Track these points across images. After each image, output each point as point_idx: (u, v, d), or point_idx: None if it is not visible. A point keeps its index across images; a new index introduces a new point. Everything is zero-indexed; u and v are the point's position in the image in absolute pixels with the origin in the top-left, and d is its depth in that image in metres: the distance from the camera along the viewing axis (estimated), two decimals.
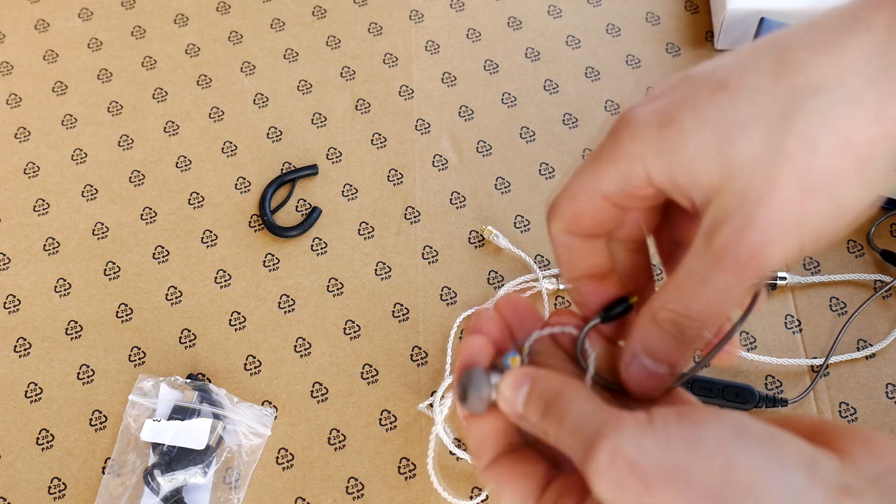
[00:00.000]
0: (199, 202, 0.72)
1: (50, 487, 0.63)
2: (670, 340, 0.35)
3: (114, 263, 0.70)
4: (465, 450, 0.63)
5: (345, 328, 0.68)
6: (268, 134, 0.75)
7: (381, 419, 0.65)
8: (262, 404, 0.65)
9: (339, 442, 0.64)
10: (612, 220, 0.38)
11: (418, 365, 0.66)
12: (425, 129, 0.75)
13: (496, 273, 0.69)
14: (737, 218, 0.32)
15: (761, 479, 0.29)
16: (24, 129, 0.75)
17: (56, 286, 0.69)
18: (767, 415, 0.64)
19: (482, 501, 0.62)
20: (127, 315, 0.68)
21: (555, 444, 0.34)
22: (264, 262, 0.70)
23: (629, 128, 0.35)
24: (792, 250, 0.32)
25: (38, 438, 0.64)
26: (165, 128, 0.75)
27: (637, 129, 0.35)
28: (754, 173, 0.32)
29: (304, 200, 0.72)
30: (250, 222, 0.71)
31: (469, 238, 0.70)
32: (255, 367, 0.66)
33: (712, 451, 0.29)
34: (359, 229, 0.71)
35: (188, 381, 0.65)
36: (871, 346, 0.66)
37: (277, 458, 0.64)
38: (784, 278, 0.67)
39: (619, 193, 0.36)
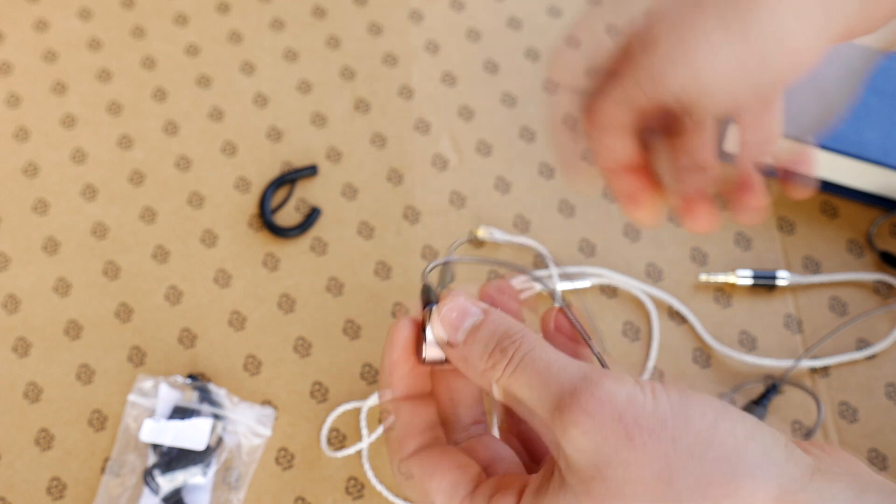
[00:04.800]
0: (198, 202, 0.72)
1: (49, 488, 0.63)
2: None
3: (113, 263, 0.70)
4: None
5: (345, 328, 0.68)
6: (268, 134, 0.75)
7: (381, 419, 0.65)
8: (262, 404, 0.65)
9: (340, 442, 0.64)
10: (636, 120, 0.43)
11: None
12: (425, 129, 0.75)
13: (496, 273, 0.69)
14: None
15: (743, 446, 0.29)
16: (24, 129, 0.75)
17: (56, 286, 0.69)
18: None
19: None
20: (126, 315, 0.68)
21: (502, 386, 0.32)
22: (264, 262, 0.70)
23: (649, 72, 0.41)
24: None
25: (37, 439, 0.64)
26: (165, 128, 0.75)
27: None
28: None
29: (304, 200, 0.72)
30: (250, 222, 0.71)
31: (469, 238, 0.70)
32: (255, 367, 0.66)
33: (699, 413, 0.29)
34: (359, 229, 0.71)
35: (188, 381, 0.65)
36: (871, 346, 0.66)
37: (277, 458, 0.64)
38: (784, 278, 0.68)
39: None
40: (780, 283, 0.67)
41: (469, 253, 0.69)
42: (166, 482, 0.61)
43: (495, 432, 0.39)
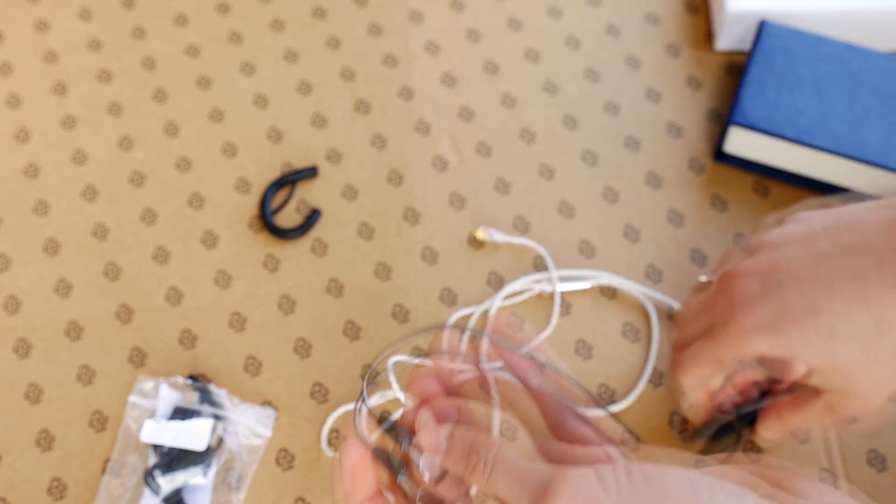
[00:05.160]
0: (199, 203, 0.72)
1: (50, 488, 0.63)
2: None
3: (114, 264, 0.70)
4: None
5: (345, 329, 0.68)
6: (268, 135, 0.75)
7: (381, 419, 0.65)
8: (263, 405, 0.65)
9: (340, 442, 0.64)
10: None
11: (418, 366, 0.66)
12: (425, 130, 0.75)
13: (496, 274, 0.69)
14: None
15: None
16: (24, 129, 0.75)
17: (56, 287, 0.69)
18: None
19: None
20: (127, 316, 0.68)
21: (485, 487, 0.34)
22: (265, 263, 0.70)
23: (740, 332, 0.49)
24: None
25: (38, 439, 0.65)
26: (165, 129, 0.75)
27: (749, 334, 0.48)
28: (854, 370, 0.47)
29: (305, 202, 0.72)
30: (251, 223, 0.71)
31: (469, 239, 0.70)
32: (256, 368, 0.66)
33: (673, 491, 0.30)
34: (359, 231, 0.71)
35: (189, 381, 0.65)
36: None
37: (278, 458, 0.64)
38: None
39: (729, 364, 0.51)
40: None
41: (468, 253, 0.70)
42: (167, 483, 0.62)
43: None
